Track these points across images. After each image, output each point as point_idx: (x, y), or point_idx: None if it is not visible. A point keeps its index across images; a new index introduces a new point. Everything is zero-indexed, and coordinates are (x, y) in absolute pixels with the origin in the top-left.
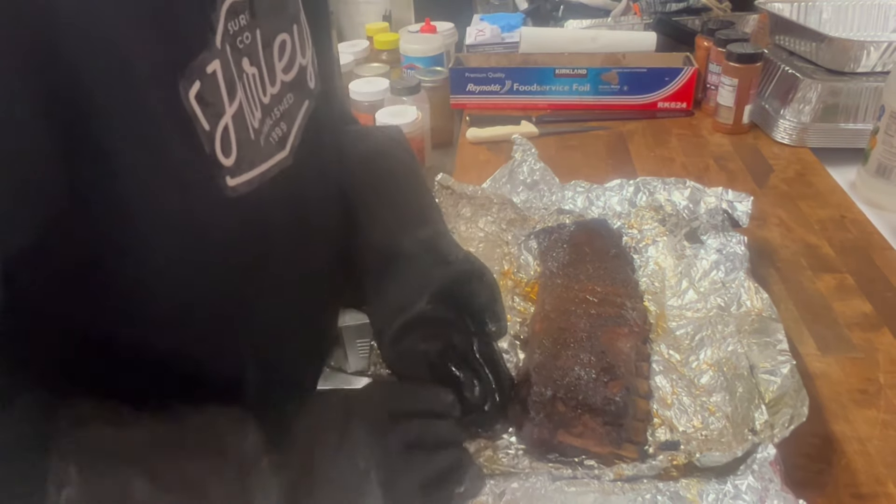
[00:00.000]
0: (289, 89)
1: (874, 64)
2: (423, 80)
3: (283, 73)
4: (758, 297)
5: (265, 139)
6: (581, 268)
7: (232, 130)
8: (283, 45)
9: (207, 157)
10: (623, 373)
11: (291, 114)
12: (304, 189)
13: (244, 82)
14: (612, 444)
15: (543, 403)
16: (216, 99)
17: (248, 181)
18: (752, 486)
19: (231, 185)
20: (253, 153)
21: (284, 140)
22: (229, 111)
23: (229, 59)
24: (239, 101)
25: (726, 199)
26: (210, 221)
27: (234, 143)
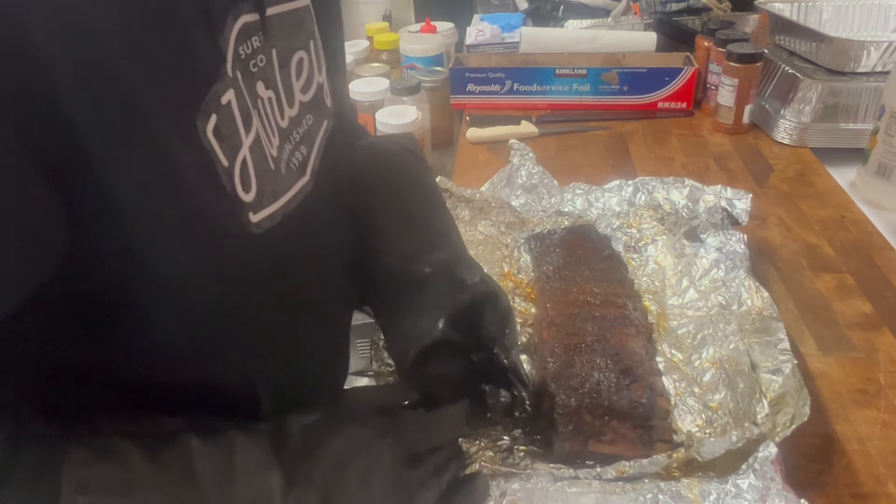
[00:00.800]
0: (308, 110)
1: (874, 64)
2: (423, 80)
3: (302, 93)
4: (758, 296)
5: (286, 166)
6: (577, 270)
7: (250, 163)
8: (301, 64)
9: (229, 195)
10: (642, 373)
11: (311, 136)
12: (326, 213)
13: (259, 108)
14: (644, 447)
15: (569, 415)
16: (232, 132)
17: (272, 215)
18: (754, 485)
19: (254, 221)
20: (274, 184)
21: (305, 165)
22: (246, 143)
23: (242, 87)
24: (255, 130)
25: (725, 196)
26: (237, 262)
27: (254, 177)
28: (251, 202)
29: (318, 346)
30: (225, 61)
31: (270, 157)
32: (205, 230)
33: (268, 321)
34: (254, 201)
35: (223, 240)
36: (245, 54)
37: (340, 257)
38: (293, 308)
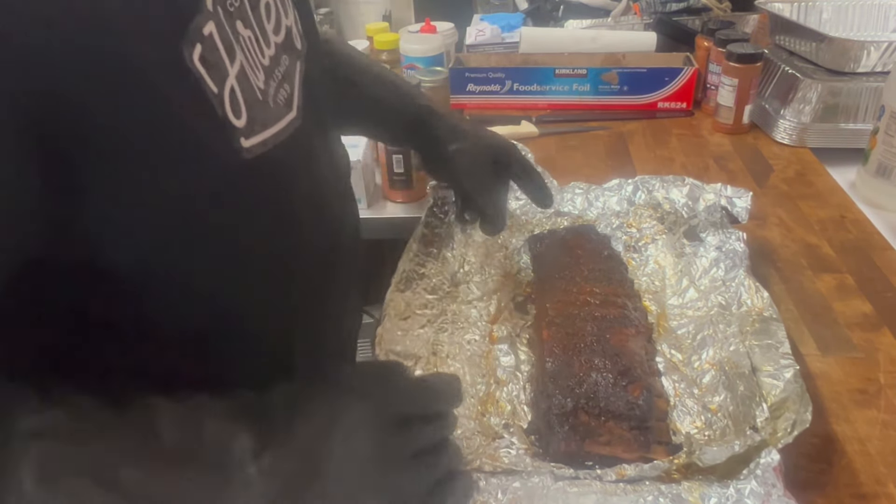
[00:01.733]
0: (283, 51)
1: (874, 64)
2: (423, 80)
3: (274, 34)
4: (758, 296)
5: (273, 100)
6: (576, 270)
7: (238, 91)
8: (269, 8)
9: (220, 120)
10: (640, 374)
11: (290, 74)
12: (316, 147)
13: (242, 44)
14: (640, 449)
15: (566, 415)
16: (218, 60)
17: (263, 142)
18: (755, 490)
19: (246, 146)
20: (264, 114)
21: (290, 101)
22: (232, 72)
23: (223, 21)
24: (240, 62)
25: (725, 195)
26: (233, 186)
27: (243, 104)
28: (243, 128)
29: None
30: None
31: (258, 89)
32: (201, 155)
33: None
34: (245, 127)
35: (220, 164)
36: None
37: (336, 187)
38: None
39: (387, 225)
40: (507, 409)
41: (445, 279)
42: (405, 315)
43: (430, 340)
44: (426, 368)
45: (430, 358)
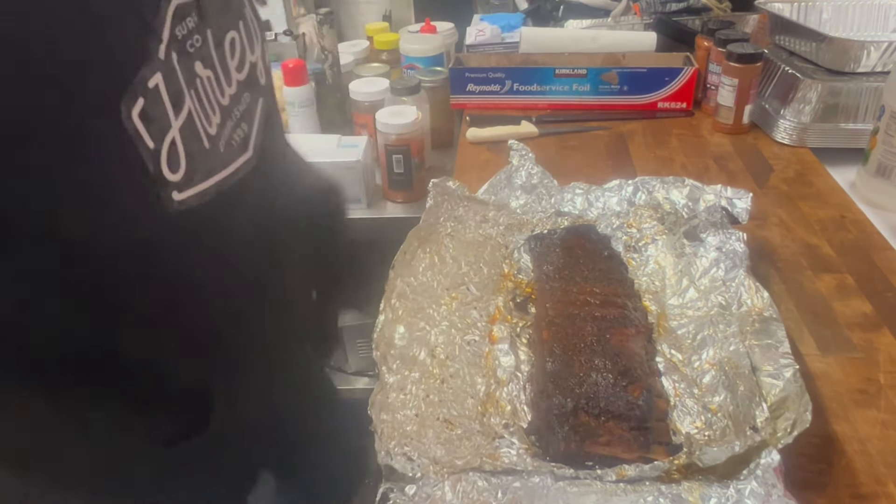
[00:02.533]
0: (245, 88)
1: (874, 64)
2: (423, 80)
3: (237, 72)
4: (758, 296)
5: (226, 143)
6: (576, 270)
7: (180, 144)
8: (234, 43)
9: (151, 176)
10: (640, 374)
11: (250, 113)
12: (271, 188)
13: (197, 88)
14: (640, 449)
15: (566, 415)
16: (160, 114)
17: (202, 192)
18: (755, 490)
19: (178, 199)
20: (210, 162)
21: (247, 140)
22: (175, 125)
23: (175, 68)
24: (188, 110)
25: (725, 196)
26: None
27: (183, 157)
28: (178, 181)
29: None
30: (160, 42)
31: (206, 136)
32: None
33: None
34: (182, 180)
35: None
36: (182, 35)
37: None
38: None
39: (387, 225)
40: (507, 409)
41: (445, 279)
42: (404, 315)
43: (429, 341)
44: (426, 369)
45: (430, 359)
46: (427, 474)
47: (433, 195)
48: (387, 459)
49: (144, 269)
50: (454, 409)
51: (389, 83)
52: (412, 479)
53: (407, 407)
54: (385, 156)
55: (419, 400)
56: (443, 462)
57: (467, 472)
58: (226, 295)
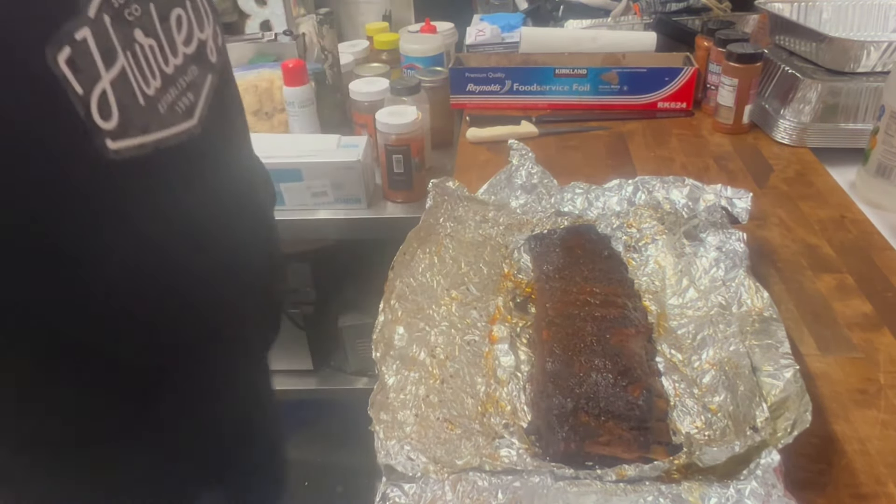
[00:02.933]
0: (191, 62)
1: (874, 64)
2: (423, 80)
3: (184, 45)
4: (758, 296)
5: (168, 107)
6: (576, 270)
7: (111, 95)
8: (180, 20)
9: (82, 120)
10: (640, 374)
11: (197, 85)
12: (218, 160)
13: (136, 52)
14: (640, 449)
15: (566, 415)
16: (89, 65)
17: (140, 145)
18: (755, 490)
19: (113, 147)
20: (145, 119)
21: (192, 110)
22: (107, 77)
23: (108, 29)
24: (121, 68)
25: (725, 196)
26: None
27: (116, 108)
28: (111, 130)
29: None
30: (89, 2)
31: (142, 95)
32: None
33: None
34: (115, 129)
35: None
36: (118, 3)
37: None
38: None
39: (387, 225)
40: (507, 409)
41: (444, 280)
42: (404, 316)
43: (429, 341)
44: (426, 369)
45: (429, 359)
46: (427, 474)
47: (433, 195)
48: (387, 459)
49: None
50: (454, 409)
51: (389, 83)
52: (412, 478)
53: (407, 407)
54: (385, 156)
55: (419, 400)
56: (443, 462)
57: (467, 472)
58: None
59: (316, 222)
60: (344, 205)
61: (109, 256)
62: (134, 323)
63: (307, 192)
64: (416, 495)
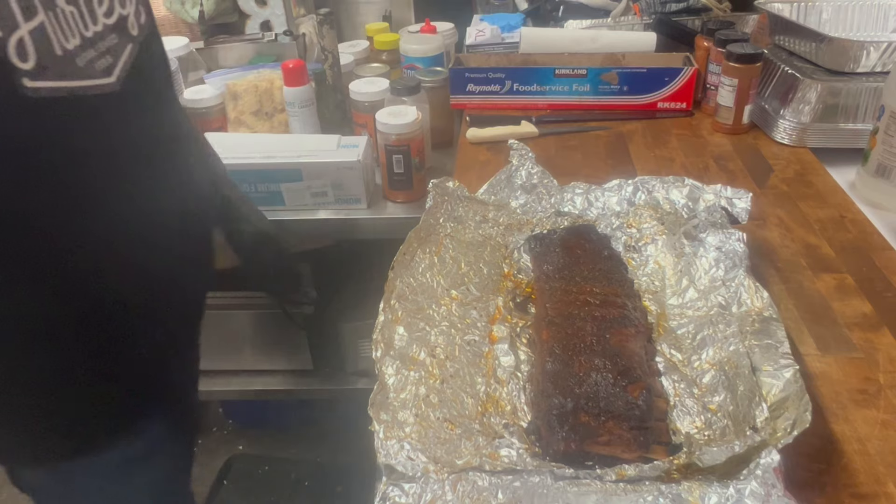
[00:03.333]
0: (111, 31)
1: (874, 64)
2: (423, 80)
3: (105, 17)
4: (758, 296)
5: (86, 62)
6: (576, 270)
7: (29, 42)
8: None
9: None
10: (640, 374)
11: (117, 51)
12: (132, 116)
13: (56, 13)
14: (640, 449)
15: (566, 415)
16: (7, 14)
17: (55, 88)
18: (755, 490)
19: (30, 86)
20: (62, 67)
21: (111, 70)
22: (25, 28)
23: None
24: (40, 22)
25: (725, 196)
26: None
27: (33, 52)
28: (29, 70)
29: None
30: None
31: (60, 47)
32: None
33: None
34: (32, 70)
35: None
36: None
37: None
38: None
39: (387, 225)
40: (507, 409)
41: (444, 280)
42: (404, 316)
43: (429, 341)
44: (426, 369)
45: (429, 359)
46: (427, 474)
47: (433, 195)
48: (387, 459)
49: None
50: (454, 408)
51: (389, 83)
52: (412, 478)
53: (407, 407)
54: (385, 156)
55: (419, 400)
56: (443, 462)
57: (467, 472)
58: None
59: (316, 222)
60: (344, 205)
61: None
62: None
63: (307, 192)
64: (416, 495)
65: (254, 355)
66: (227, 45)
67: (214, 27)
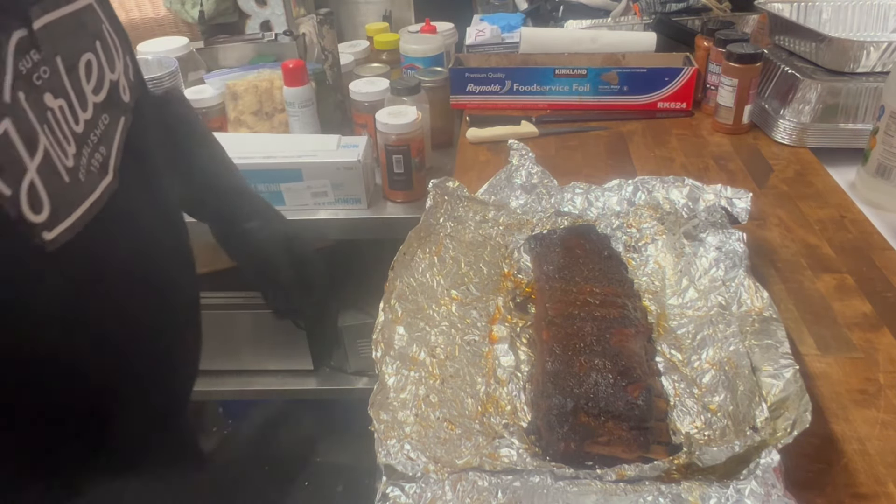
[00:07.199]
0: (102, 110)
1: (874, 64)
2: (423, 81)
3: (94, 94)
4: (758, 296)
5: (85, 172)
6: (576, 270)
7: (40, 184)
8: (90, 66)
9: (14, 222)
10: (640, 374)
11: (109, 135)
12: (139, 207)
13: (49, 121)
14: (640, 449)
15: (566, 415)
16: (14, 160)
17: (70, 227)
18: (755, 490)
19: (49, 238)
20: (72, 195)
21: (107, 164)
22: (32, 167)
23: (25, 109)
24: (43, 149)
25: (725, 196)
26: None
27: (46, 196)
28: (45, 221)
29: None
30: (2, 84)
31: (65, 170)
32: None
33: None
34: (48, 220)
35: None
36: (26, 69)
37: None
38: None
39: (387, 225)
40: (507, 409)
41: (444, 280)
42: (404, 316)
43: (429, 341)
44: (426, 369)
45: (429, 359)
46: (427, 474)
47: (433, 195)
48: (387, 459)
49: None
50: (454, 408)
51: (389, 83)
52: (412, 478)
53: (407, 407)
54: (385, 156)
55: (419, 400)
56: (443, 462)
57: (467, 472)
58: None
59: (316, 222)
60: (344, 205)
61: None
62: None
63: (307, 192)
64: (416, 495)
65: (254, 355)
66: (227, 45)
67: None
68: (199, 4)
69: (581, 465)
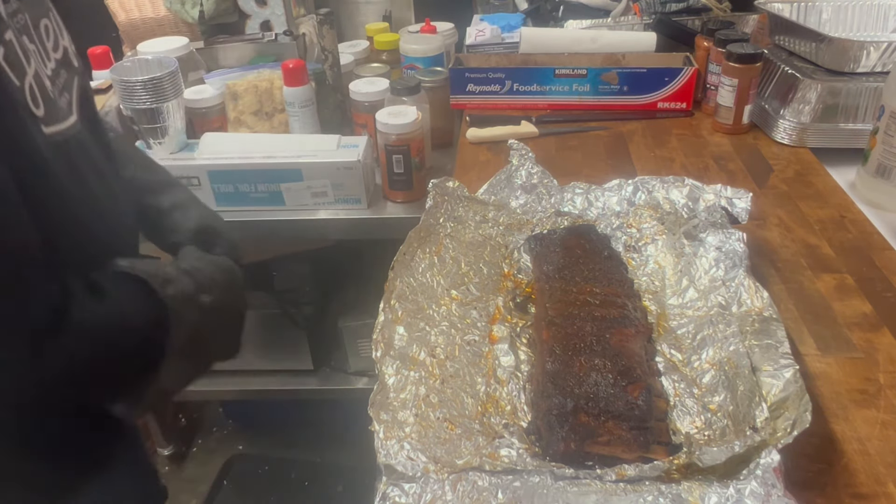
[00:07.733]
0: (61, 66)
1: (874, 64)
2: (423, 80)
3: (53, 51)
4: (758, 296)
5: (59, 102)
6: (576, 270)
7: (36, 87)
8: (47, 29)
9: (26, 107)
10: (640, 374)
11: (69, 85)
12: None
13: (30, 55)
14: (640, 448)
15: (566, 415)
16: (17, 61)
17: (61, 132)
18: (755, 490)
19: (47, 132)
20: (55, 110)
21: (71, 106)
22: (30, 72)
23: (17, 29)
24: (34, 65)
25: (725, 196)
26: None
27: (41, 98)
28: (42, 117)
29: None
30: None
31: (49, 86)
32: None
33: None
34: (44, 117)
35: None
36: (10, 11)
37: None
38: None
39: (387, 225)
40: (507, 409)
41: (444, 280)
42: (404, 316)
43: (429, 341)
44: (426, 369)
45: (429, 359)
46: (427, 474)
47: (433, 195)
48: (387, 459)
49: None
50: (454, 408)
51: (389, 83)
52: (412, 478)
53: (407, 407)
54: (385, 156)
55: (419, 400)
56: (443, 462)
57: (467, 472)
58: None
59: (316, 222)
60: (344, 205)
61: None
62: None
63: (307, 192)
64: (416, 495)
65: (254, 355)
66: (227, 45)
67: (214, 27)
68: (199, 4)
69: (581, 465)
